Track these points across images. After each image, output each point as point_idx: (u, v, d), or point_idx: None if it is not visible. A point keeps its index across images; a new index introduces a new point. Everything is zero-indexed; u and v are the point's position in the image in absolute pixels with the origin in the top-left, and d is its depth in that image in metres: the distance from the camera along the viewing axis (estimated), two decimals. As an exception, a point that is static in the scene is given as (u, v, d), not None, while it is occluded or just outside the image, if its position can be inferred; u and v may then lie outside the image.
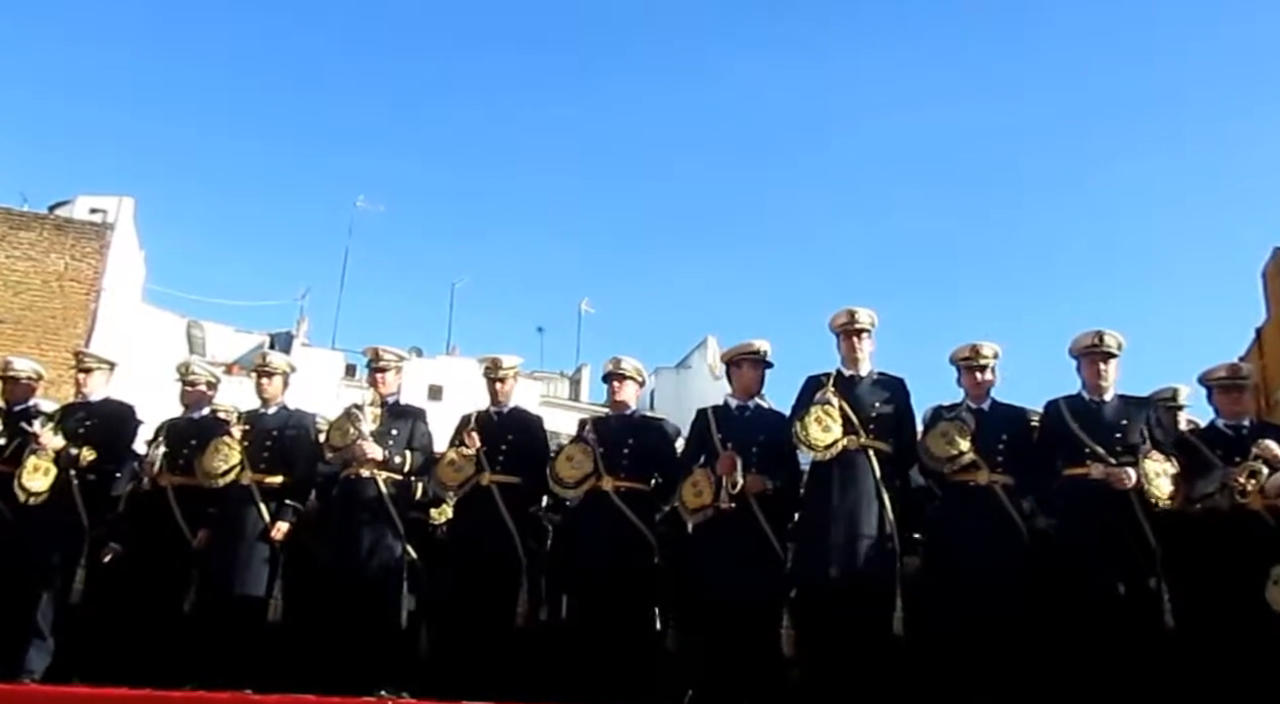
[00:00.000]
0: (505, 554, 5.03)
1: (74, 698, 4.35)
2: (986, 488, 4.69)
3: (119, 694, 4.34)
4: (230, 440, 5.22)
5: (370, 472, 5.10)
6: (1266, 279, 13.57)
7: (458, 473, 5.14)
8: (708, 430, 5.03)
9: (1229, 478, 4.63)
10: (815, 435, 4.66)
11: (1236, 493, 4.60)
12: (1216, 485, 4.67)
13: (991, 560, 4.56)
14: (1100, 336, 4.80)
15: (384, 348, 5.45)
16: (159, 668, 4.65)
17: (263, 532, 5.08)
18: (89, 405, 5.55)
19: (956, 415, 4.79)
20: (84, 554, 5.17)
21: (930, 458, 4.77)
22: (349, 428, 5.12)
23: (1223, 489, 4.66)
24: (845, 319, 4.95)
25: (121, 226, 16.33)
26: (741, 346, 5.19)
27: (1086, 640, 4.42)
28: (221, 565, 5.02)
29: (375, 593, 4.94)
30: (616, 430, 5.20)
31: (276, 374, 5.54)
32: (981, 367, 4.89)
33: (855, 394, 4.80)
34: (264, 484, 5.18)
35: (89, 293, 14.68)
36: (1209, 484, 4.68)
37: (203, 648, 4.85)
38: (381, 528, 5.04)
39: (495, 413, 5.37)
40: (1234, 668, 4.39)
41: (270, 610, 4.96)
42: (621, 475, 5.05)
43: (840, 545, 4.55)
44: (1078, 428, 4.71)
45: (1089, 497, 4.59)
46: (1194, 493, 4.63)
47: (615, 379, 5.34)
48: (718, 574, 4.72)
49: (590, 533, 5.05)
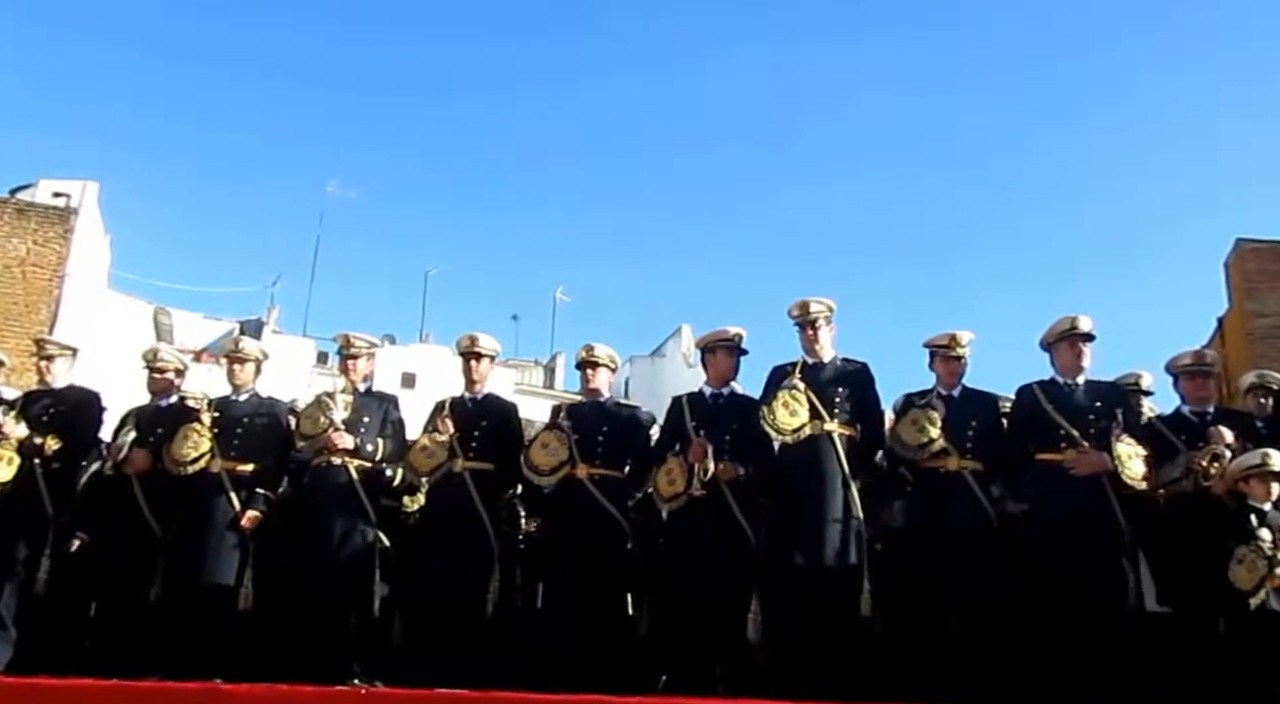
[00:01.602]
0: (478, 541, 5.00)
1: (38, 690, 4.28)
2: (956, 474, 4.73)
3: (84, 685, 4.27)
4: (200, 428, 5.15)
5: (341, 459, 5.06)
6: (1228, 270, 13.74)
7: (430, 459, 5.11)
8: (682, 418, 5.04)
9: (1192, 461, 4.71)
10: (782, 419, 4.67)
11: (1199, 476, 4.68)
12: (1181, 470, 4.75)
13: (961, 545, 4.60)
14: (1075, 321, 4.86)
15: (355, 334, 5.40)
16: (126, 658, 4.59)
17: (233, 520, 5.02)
18: (53, 393, 5.46)
19: (927, 402, 4.81)
20: (49, 544, 5.09)
21: (901, 445, 4.80)
22: (320, 416, 5.08)
23: (1187, 474, 4.74)
24: (799, 311, 4.97)
25: (86, 211, 16.08)
26: (715, 333, 5.19)
27: (1057, 623, 4.47)
28: (191, 554, 4.96)
29: (347, 581, 4.91)
30: (591, 417, 5.19)
31: (249, 361, 5.48)
32: (957, 356, 4.92)
33: (819, 380, 4.81)
34: (234, 472, 5.12)
35: (52, 278, 14.44)
36: (1174, 469, 4.75)
37: (171, 638, 4.79)
38: (353, 516, 5.01)
39: (469, 399, 5.34)
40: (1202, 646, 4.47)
41: (241, 599, 4.91)
42: (596, 463, 5.05)
43: (806, 530, 4.57)
44: (1053, 410, 4.75)
45: (1062, 480, 4.64)
46: (1160, 479, 4.69)
47: (589, 366, 5.33)
48: (690, 561, 4.74)
49: (564, 520, 5.05)
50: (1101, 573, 4.47)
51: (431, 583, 4.98)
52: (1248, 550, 4.35)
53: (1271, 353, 11.04)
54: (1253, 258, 13.31)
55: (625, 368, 20.99)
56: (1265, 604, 4.30)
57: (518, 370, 27.53)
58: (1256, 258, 13.30)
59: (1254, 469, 4.57)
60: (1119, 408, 4.75)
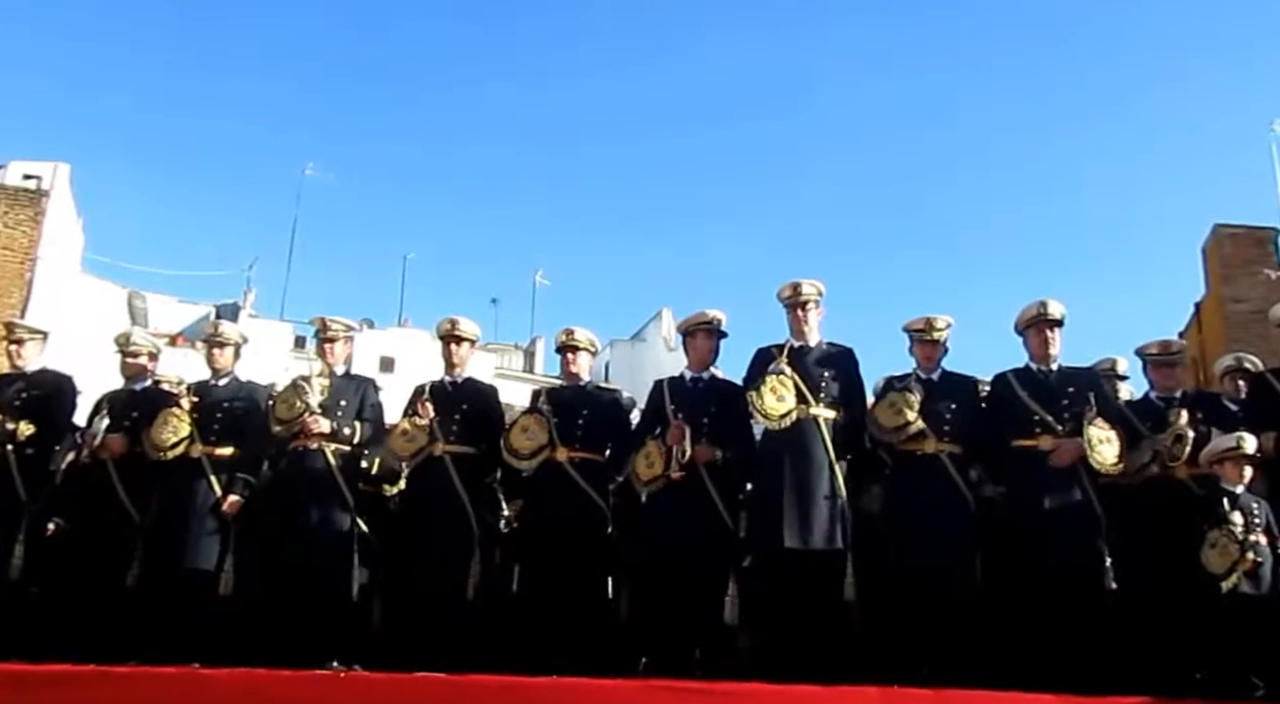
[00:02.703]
0: (458, 525, 5.00)
1: (14, 675, 4.25)
2: (934, 456, 4.76)
3: (62, 671, 4.25)
4: (180, 412, 5.11)
5: (318, 443, 5.03)
6: (1206, 255, 13.84)
7: (410, 443, 5.09)
8: (662, 402, 5.05)
9: (1158, 444, 4.75)
10: (770, 405, 4.68)
11: (1166, 458, 4.72)
12: (1149, 455, 4.79)
13: (939, 528, 4.63)
14: (1044, 305, 4.90)
15: (332, 318, 5.36)
16: (104, 644, 4.56)
17: (214, 505, 4.99)
18: (25, 377, 5.40)
19: (905, 386, 4.84)
20: (22, 529, 5.04)
21: (879, 428, 4.82)
22: (295, 400, 5.04)
23: (1154, 457, 4.78)
24: (789, 292, 4.98)
25: (57, 193, 15.85)
26: (695, 317, 5.20)
27: (1033, 606, 4.51)
28: (171, 539, 4.93)
29: (326, 565, 4.89)
30: (570, 401, 5.19)
31: (228, 345, 5.43)
32: (934, 340, 4.94)
33: (805, 364, 4.83)
34: (214, 456, 5.08)
35: (24, 262, 14.25)
36: (1142, 455, 4.79)
37: (149, 623, 4.77)
38: (330, 500, 4.98)
39: (449, 383, 5.32)
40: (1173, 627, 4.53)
41: (221, 584, 4.89)
42: (576, 446, 5.05)
43: (793, 513, 4.59)
44: (1027, 396, 4.79)
45: (1037, 466, 4.68)
46: (1130, 467, 4.73)
47: (569, 350, 5.32)
48: (666, 543, 4.76)
49: (544, 503, 5.05)
50: (1076, 558, 4.52)
51: (412, 567, 4.98)
52: (1219, 534, 4.40)
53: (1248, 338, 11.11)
54: (1230, 244, 13.40)
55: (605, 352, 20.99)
56: (1237, 588, 4.35)
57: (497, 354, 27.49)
58: (1234, 244, 13.40)
59: (1227, 453, 4.61)
60: (1092, 393, 4.77)
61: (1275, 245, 13.42)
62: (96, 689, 4.13)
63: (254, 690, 4.14)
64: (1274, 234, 13.52)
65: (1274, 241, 13.45)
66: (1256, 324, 10.90)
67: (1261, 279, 13.01)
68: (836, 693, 4.05)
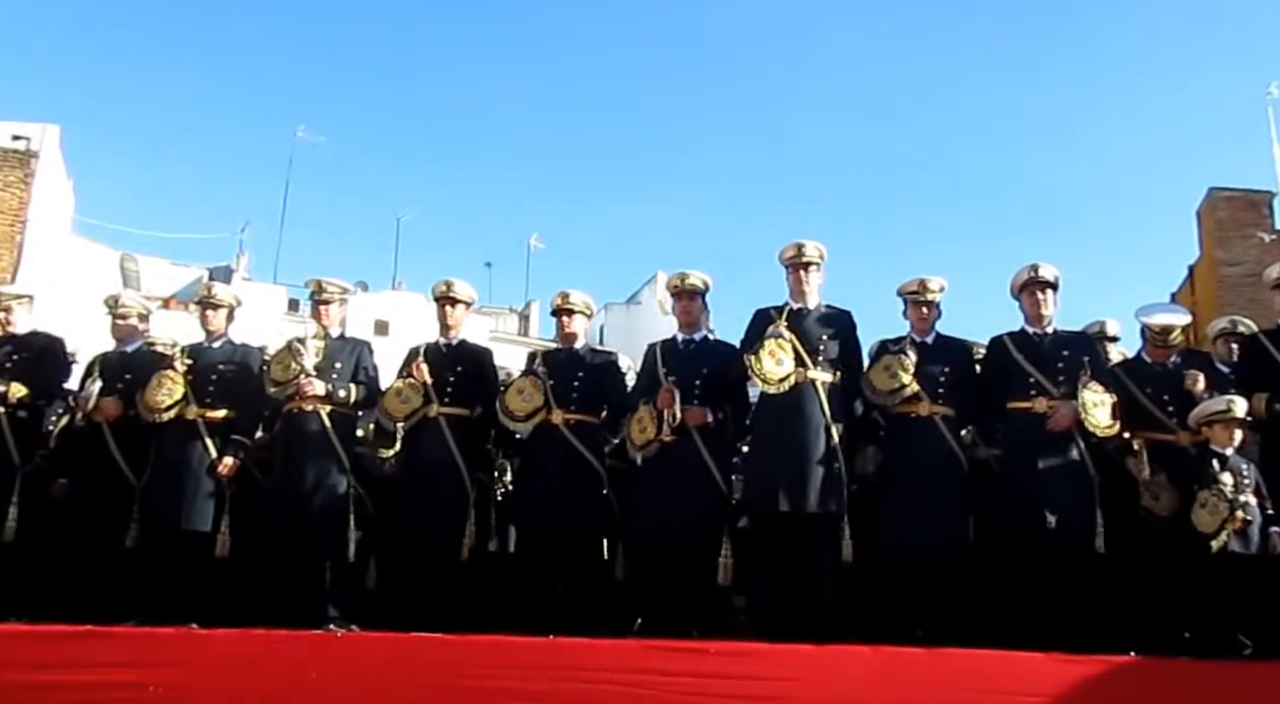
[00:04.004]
0: (452, 486, 5.01)
1: (10, 635, 4.28)
2: (928, 419, 4.77)
3: (60, 631, 4.28)
4: (173, 374, 5.09)
5: (313, 406, 5.02)
6: (1200, 219, 13.84)
7: (405, 404, 5.09)
8: (655, 365, 5.05)
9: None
10: (769, 369, 4.68)
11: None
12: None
13: (932, 490, 4.66)
14: (1036, 268, 4.90)
15: (327, 280, 5.33)
16: (101, 605, 4.58)
17: (209, 467, 5.00)
18: (16, 339, 5.35)
19: (900, 349, 4.84)
20: (16, 492, 5.05)
21: (873, 391, 4.83)
22: (290, 362, 5.03)
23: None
24: (793, 252, 4.97)
25: (46, 155, 15.68)
26: (675, 280, 5.22)
27: (1025, 567, 4.55)
28: (167, 501, 4.94)
29: (321, 527, 4.91)
30: (566, 364, 5.19)
31: (222, 307, 5.41)
32: (928, 301, 4.94)
33: (803, 327, 4.83)
34: (209, 419, 5.08)
35: (14, 224, 14.13)
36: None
37: (146, 584, 4.79)
38: (326, 462, 4.98)
39: (444, 345, 5.31)
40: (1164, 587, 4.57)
41: (218, 546, 4.90)
42: (571, 408, 5.05)
43: (789, 476, 4.60)
44: (1022, 359, 4.80)
45: (1032, 428, 4.70)
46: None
47: (564, 313, 5.31)
48: (660, 505, 4.78)
49: (540, 465, 5.07)
50: (1068, 519, 4.55)
51: (407, 527, 5.00)
52: (1210, 494, 4.43)
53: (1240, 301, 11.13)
54: (1225, 206, 13.40)
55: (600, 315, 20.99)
56: (1226, 547, 4.39)
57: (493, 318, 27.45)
58: (1228, 207, 13.40)
59: (1218, 415, 4.63)
60: (1087, 356, 4.78)
61: (1270, 208, 13.42)
62: (94, 649, 4.17)
63: (251, 650, 4.18)
64: (1269, 197, 13.51)
65: (1269, 205, 13.45)
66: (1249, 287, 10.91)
67: (1255, 242, 13.02)
68: (830, 653, 4.10)
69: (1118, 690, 3.99)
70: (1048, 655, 4.04)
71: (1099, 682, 3.98)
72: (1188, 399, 4.78)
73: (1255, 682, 4.07)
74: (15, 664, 4.11)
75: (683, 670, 4.02)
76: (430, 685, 4.06)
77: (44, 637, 4.26)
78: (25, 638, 4.26)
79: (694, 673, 4.01)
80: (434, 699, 4.04)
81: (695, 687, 3.98)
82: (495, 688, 4.02)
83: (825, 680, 4.01)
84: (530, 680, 4.02)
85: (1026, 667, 4.02)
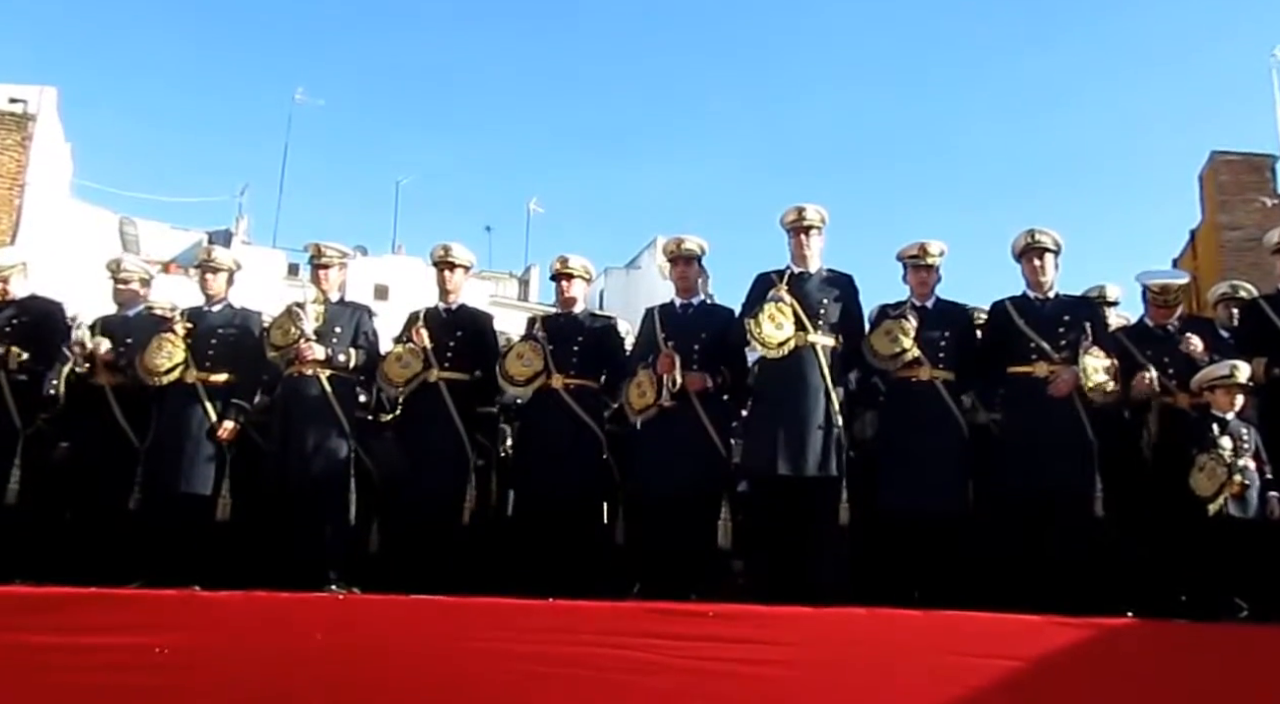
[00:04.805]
0: (452, 450, 5.02)
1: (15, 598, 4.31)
2: (928, 384, 4.78)
3: (63, 593, 4.30)
4: (173, 337, 5.08)
5: (314, 370, 5.02)
6: (1203, 183, 13.76)
7: (405, 369, 5.08)
8: (653, 329, 5.05)
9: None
10: (769, 333, 4.67)
11: None
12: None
13: (932, 453, 4.67)
14: (1033, 233, 4.89)
15: (326, 244, 5.31)
16: (104, 568, 4.61)
17: (210, 431, 5.00)
18: (15, 303, 5.34)
19: (900, 313, 4.83)
20: (18, 455, 5.06)
21: (874, 355, 4.82)
22: (290, 326, 5.02)
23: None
24: (794, 216, 4.94)
25: (44, 117, 15.57)
26: (670, 245, 5.20)
27: (1023, 530, 4.57)
28: (168, 464, 4.95)
29: (322, 490, 4.92)
30: (566, 329, 5.18)
31: (222, 271, 5.39)
32: (928, 265, 4.92)
33: (804, 291, 4.81)
34: (209, 383, 5.08)
35: (12, 187, 14.08)
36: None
37: (149, 546, 4.82)
38: (327, 426, 4.99)
39: (444, 310, 5.30)
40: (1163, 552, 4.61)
41: (219, 509, 4.92)
42: (571, 373, 5.05)
43: (788, 440, 4.61)
44: (1023, 324, 4.79)
45: (1032, 393, 4.70)
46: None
47: (563, 278, 5.30)
48: (659, 468, 4.80)
49: (539, 429, 5.08)
50: (1067, 483, 4.56)
51: (407, 491, 5.01)
52: (1208, 458, 4.44)
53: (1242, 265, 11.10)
54: (1227, 170, 13.33)
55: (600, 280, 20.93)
56: (1224, 511, 4.41)
57: (492, 282, 27.39)
58: (1230, 171, 13.32)
59: (1220, 380, 4.63)
60: (1088, 320, 4.77)
61: (1273, 172, 13.34)
62: (98, 612, 4.19)
63: (254, 613, 4.20)
64: (1272, 161, 13.43)
65: (1271, 169, 13.37)
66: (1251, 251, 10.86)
67: (1258, 206, 12.96)
68: (827, 615, 4.12)
69: (1115, 653, 4.01)
70: (1045, 618, 4.06)
71: (1096, 644, 4.00)
72: (1188, 363, 4.78)
73: (1251, 645, 4.10)
74: (19, 627, 4.14)
75: (682, 633, 4.04)
76: (433, 647, 4.09)
77: (48, 600, 4.28)
78: (29, 601, 4.29)
79: (693, 636, 4.04)
80: (437, 661, 4.07)
81: (694, 649, 4.00)
82: (495, 650, 4.04)
83: (823, 643, 4.03)
84: (530, 643, 4.05)
85: (1024, 629, 4.04)
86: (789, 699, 3.95)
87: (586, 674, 3.99)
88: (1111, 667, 3.97)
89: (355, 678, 4.03)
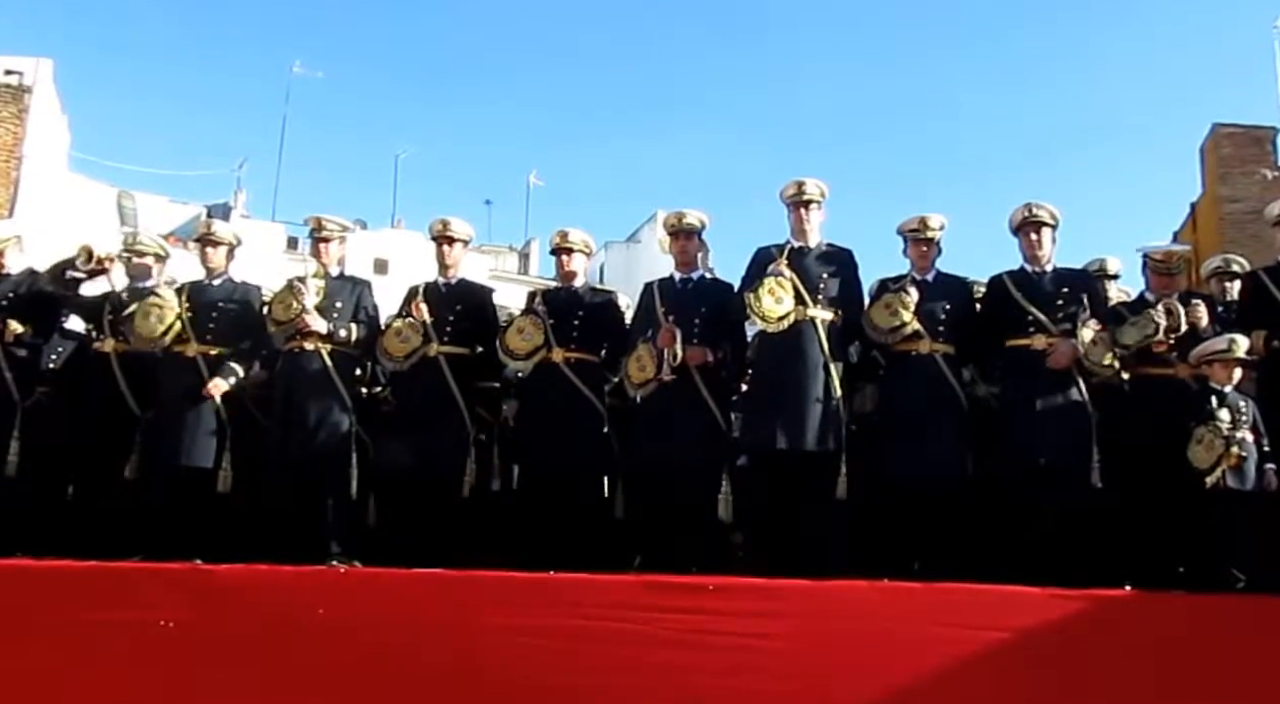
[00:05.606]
0: (453, 424, 5.03)
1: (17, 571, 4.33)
2: (928, 357, 4.78)
3: (65, 566, 4.32)
4: (160, 300, 5.07)
5: (314, 344, 5.02)
6: (1204, 155, 13.70)
7: (404, 343, 5.07)
8: (652, 304, 5.04)
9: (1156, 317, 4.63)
10: (768, 307, 4.67)
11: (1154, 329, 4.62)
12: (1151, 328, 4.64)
13: (932, 427, 4.68)
14: (1030, 207, 4.87)
15: (327, 217, 5.29)
16: (106, 542, 4.63)
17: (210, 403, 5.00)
18: (11, 277, 5.35)
19: (900, 287, 4.82)
20: (17, 428, 5.07)
21: (874, 329, 4.82)
22: (291, 301, 5.01)
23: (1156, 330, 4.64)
24: (794, 190, 4.92)
25: (40, 89, 15.45)
26: (670, 220, 5.18)
27: (1022, 503, 4.59)
28: (169, 437, 4.96)
29: (324, 464, 4.93)
30: (566, 303, 5.18)
31: (222, 244, 5.37)
32: (928, 239, 4.90)
33: (804, 265, 4.81)
34: (210, 356, 5.08)
35: (9, 160, 14.01)
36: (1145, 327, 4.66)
37: (151, 519, 4.83)
38: (328, 400, 4.99)
39: (444, 284, 5.28)
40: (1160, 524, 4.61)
41: (220, 482, 4.94)
42: (571, 347, 5.06)
43: (788, 414, 4.62)
44: (1021, 297, 4.79)
45: (1031, 365, 4.70)
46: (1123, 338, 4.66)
47: (563, 252, 5.28)
48: (660, 443, 4.81)
49: (540, 404, 5.08)
50: (1065, 456, 4.57)
51: (407, 465, 5.02)
52: (1206, 430, 4.45)
53: (1242, 238, 11.09)
54: (1228, 143, 13.26)
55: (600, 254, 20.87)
56: (1221, 482, 4.42)
57: (492, 256, 27.28)
58: (1232, 143, 13.26)
59: (1218, 354, 4.63)
60: (1086, 294, 4.78)
61: (1274, 145, 13.27)
62: (100, 585, 4.21)
63: (256, 586, 4.22)
64: (1273, 134, 13.35)
65: (1273, 141, 13.30)
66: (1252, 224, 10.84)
67: (1259, 179, 12.90)
68: (827, 587, 4.14)
69: (1113, 624, 4.04)
70: (1043, 590, 4.08)
71: (1094, 616, 4.03)
72: (1189, 335, 4.77)
73: (1249, 616, 4.12)
74: (21, 601, 4.16)
75: (682, 606, 4.06)
76: (434, 621, 4.11)
77: (50, 573, 4.30)
78: (31, 574, 4.31)
79: (693, 609, 4.06)
80: (438, 635, 4.10)
81: (694, 623, 4.02)
82: (496, 624, 4.07)
83: (823, 616, 4.05)
84: (531, 617, 4.07)
85: (1022, 601, 4.06)
86: (790, 672, 3.97)
87: (587, 647, 4.01)
88: (1110, 638, 3.99)
89: (357, 651, 4.05)
